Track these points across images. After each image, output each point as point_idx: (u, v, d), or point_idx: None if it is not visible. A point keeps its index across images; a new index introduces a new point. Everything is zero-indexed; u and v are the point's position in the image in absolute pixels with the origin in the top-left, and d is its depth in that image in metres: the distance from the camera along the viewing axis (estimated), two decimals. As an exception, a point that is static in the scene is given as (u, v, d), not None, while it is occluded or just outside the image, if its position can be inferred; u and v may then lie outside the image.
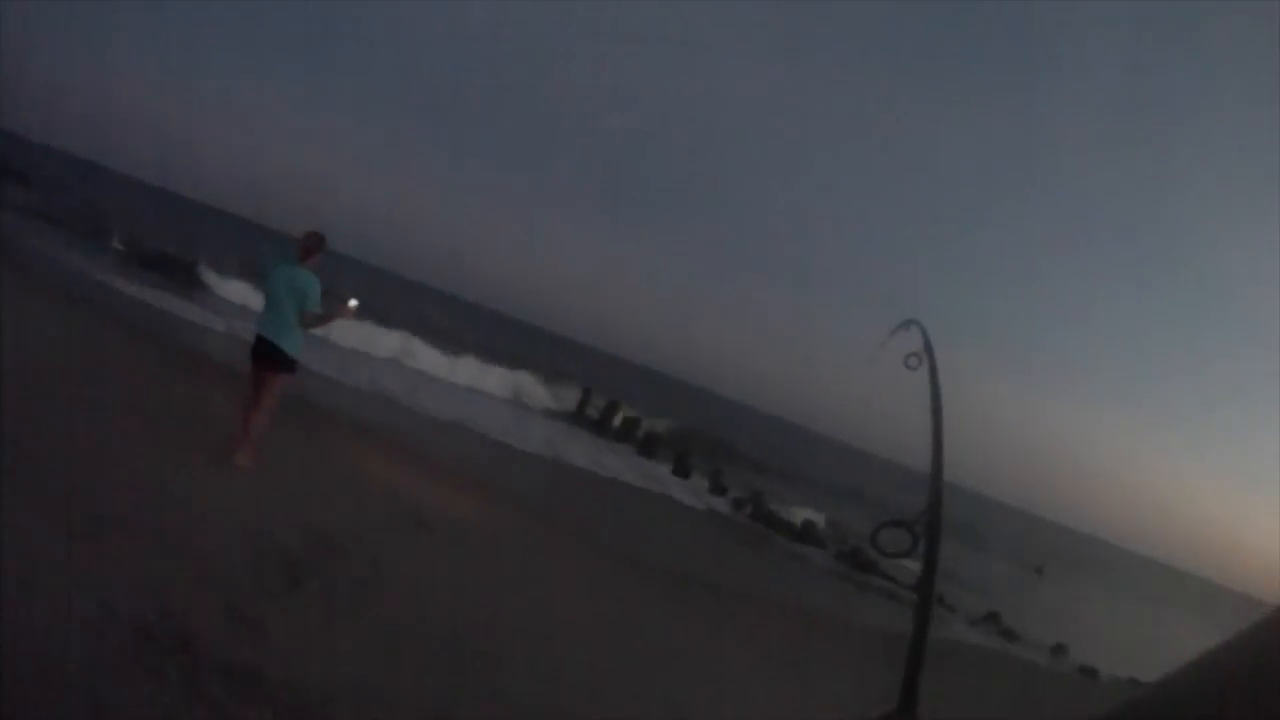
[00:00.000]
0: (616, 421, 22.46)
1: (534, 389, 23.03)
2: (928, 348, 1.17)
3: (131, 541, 4.13)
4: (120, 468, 5.14)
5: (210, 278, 21.39)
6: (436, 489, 8.82)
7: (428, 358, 20.88)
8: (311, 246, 6.51)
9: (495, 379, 21.93)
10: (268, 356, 6.34)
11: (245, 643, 3.63)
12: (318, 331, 6.79)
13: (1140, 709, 0.40)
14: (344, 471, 7.75)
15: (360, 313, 7.01)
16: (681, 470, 19.30)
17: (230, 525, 4.95)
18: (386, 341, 20.42)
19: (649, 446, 20.69)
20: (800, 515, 17.99)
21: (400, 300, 37.52)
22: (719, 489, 18.55)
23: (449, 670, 4.37)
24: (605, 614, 6.86)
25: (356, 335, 17.78)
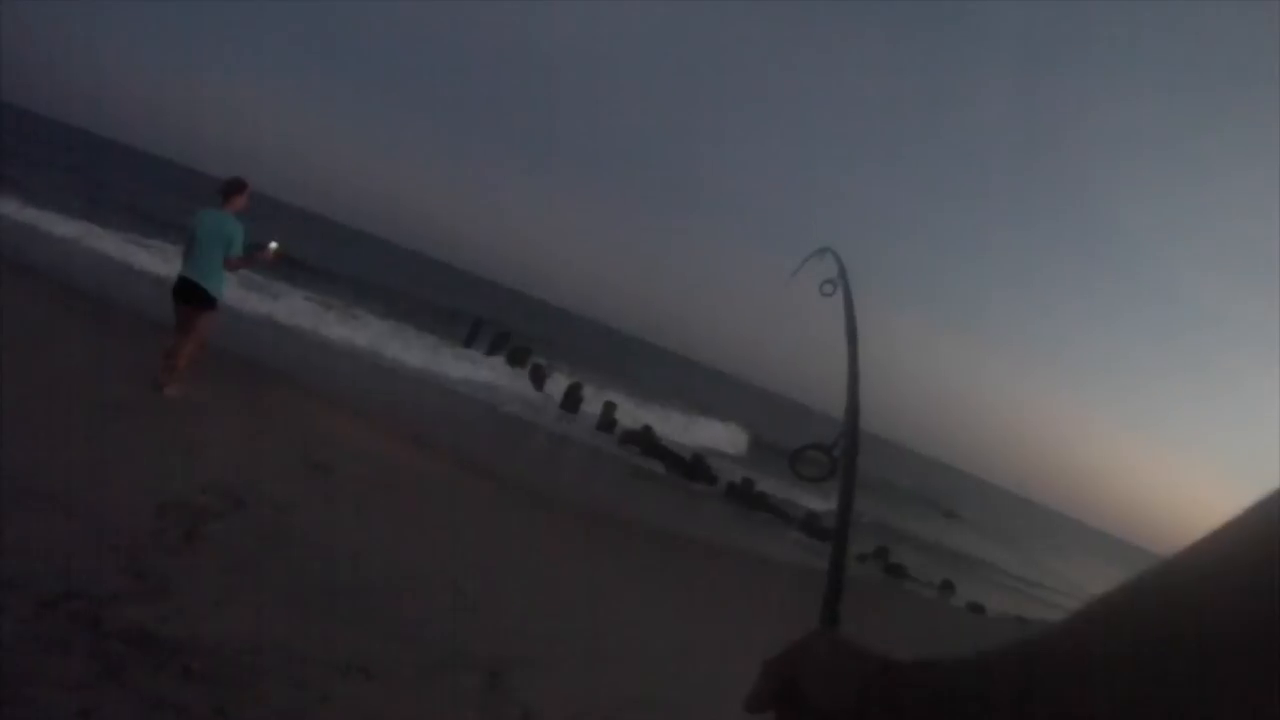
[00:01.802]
0: (505, 351, 21.52)
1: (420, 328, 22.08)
2: (842, 273, 1.19)
3: (33, 508, 3.96)
4: (23, 429, 4.89)
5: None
6: (335, 430, 8.61)
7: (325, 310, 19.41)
8: (233, 191, 6.82)
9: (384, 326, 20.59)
10: (190, 296, 6.75)
11: (151, 604, 3.53)
12: (242, 272, 7.31)
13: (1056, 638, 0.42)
14: (242, 418, 7.48)
15: (281, 255, 7.12)
16: (571, 404, 18.50)
17: (136, 483, 4.79)
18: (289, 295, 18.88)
19: (538, 377, 19.76)
20: (691, 449, 17.44)
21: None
22: (608, 423, 17.79)
23: (358, 619, 4.26)
24: (513, 552, 6.77)
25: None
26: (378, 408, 11.36)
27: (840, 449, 0.92)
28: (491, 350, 22.05)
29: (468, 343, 22.43)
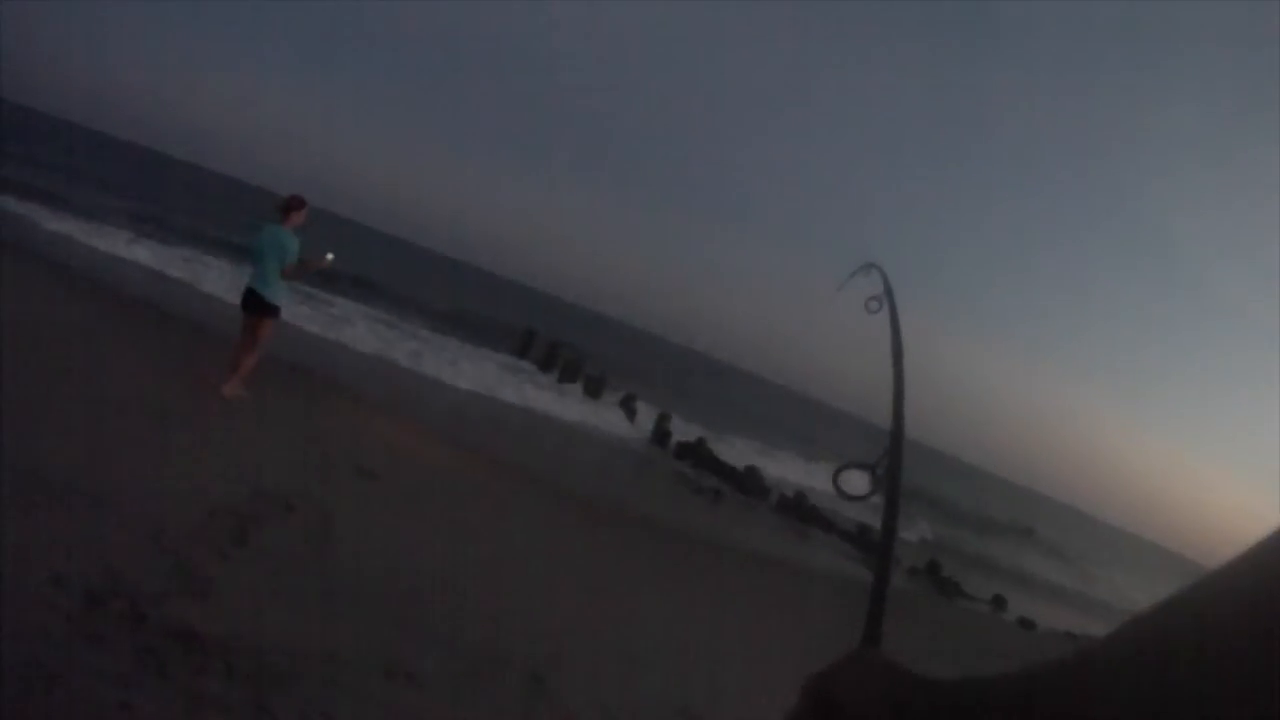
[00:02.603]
0: (559, 364, 21.87)
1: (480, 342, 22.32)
2: (888, 290, 1.17)
3: (84, 507, 4.06)
4: (80, 431, 5.12)
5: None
6: (384, 437, 8.79)
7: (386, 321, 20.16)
8: (292, 208, 7.54)
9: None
10: (254, 304, 7.45)
11: (197, 604, 3.57)
12: (298, 281, 7.97)
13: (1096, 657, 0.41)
14: (292, 424, 7.76)
15: (335, 266, 7.74)
16: (627, 412, 18.82)
17: (187, 486, 4.90)
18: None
19: (594, 389, 20.10)
20: (744, 462, 17.59)
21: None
22: (662, 434, 18.05)
23: (401, 622, 4.31)
24: (556, 558, 6.83)
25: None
26: (427, 416, 11.54)
27: (883, 468, 0.92)
28: (547, 363, 22.25)
29: (520, 354, 22.83)
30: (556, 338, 24.64)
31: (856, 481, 0.95)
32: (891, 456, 0.90)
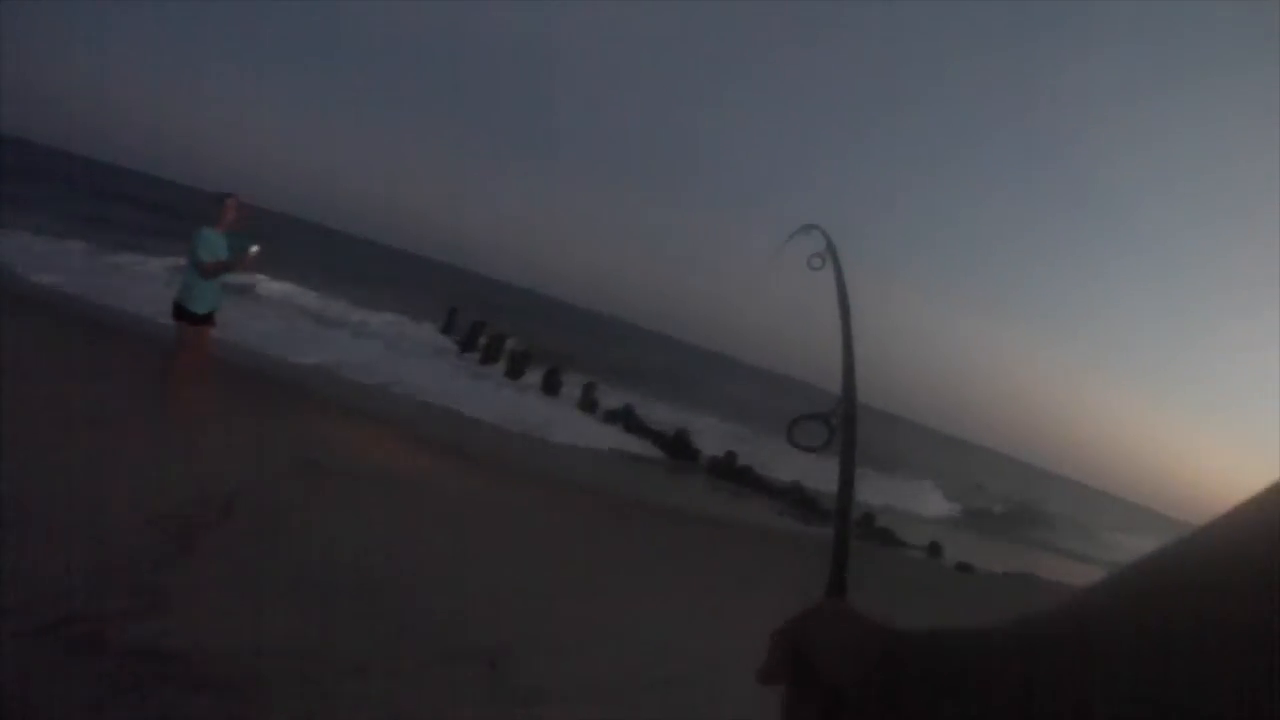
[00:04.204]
0: (482, 340, 21.27)
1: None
2: (830, 248, 1.18)
3: (24, 532, 3.92)
4: (15, 451, 4.87)
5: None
6: (327, 430, 8.58)
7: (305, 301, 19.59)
8: (220, 206, 7.04)
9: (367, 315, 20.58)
10: (174, 311, 7.00)
11: (154, 619, 3.53)
12: (232, 278, 7.30)
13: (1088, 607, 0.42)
14: (234, 423, 7.44)
15: (261, 258, 7.17)
16: (551, 387, 18.32)
17: (127, 498, 4.74)
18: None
19: (517, 366, 19.53)
20: (673, 426, 17.34)
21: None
22: (590, 404, 17.60)
23: (358, 616, 4.28)
24: (502, 537, 6.75)
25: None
26: (363, 405, 11.26)
27: (838, 417, 0.92)
28: (486, 359, 21.70)
29: (445, 329, 22.20)
30: (480, 317, 24.04)
31: (812, 432, 0.95)
32: (845, 405, 0.92)
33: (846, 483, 0.84)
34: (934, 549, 15.01)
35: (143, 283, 15.46)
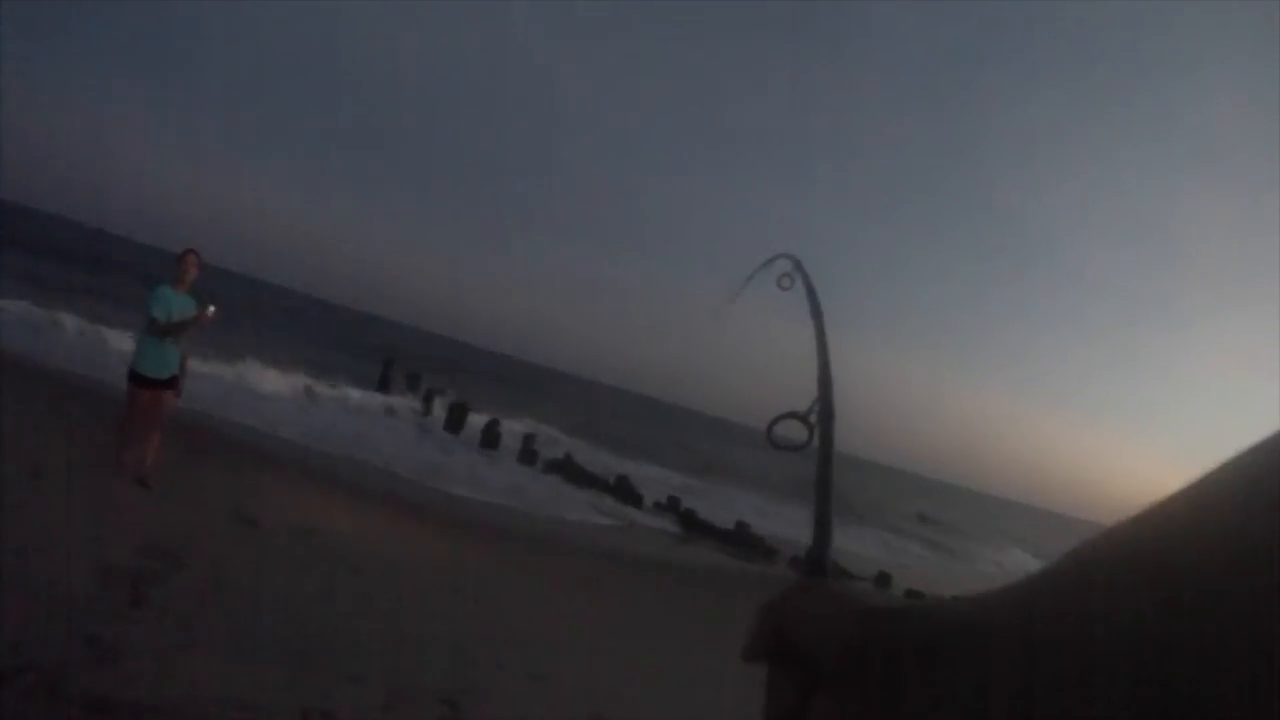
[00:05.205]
0: (420, 394, 21.02)
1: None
2: (798, 266, 1.18)
3: None
4: None
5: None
6: (263, 486, 8.48)
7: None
8: (182, 266, 6.72)
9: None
10: (129, 376, 6.69)
11: (106, 669, 3.56)
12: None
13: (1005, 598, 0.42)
14: (178, 483, 7.18)
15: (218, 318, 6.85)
16: (490, 440, 18.09)
17: (76, 552, 4.73)
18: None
19: (455, 420, 19.27)
20: (615, 472, 17.32)
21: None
22: (529, 454, 17.43)
23: (308, 663, 4.31)
24: (447, 584, 6.82)
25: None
26: (302, 460, 11.14)
27: (815, 415, 0.95)
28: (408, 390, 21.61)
29: (380, 386, 21.80)
30: (414, 370, 23.72)
31: (791, 432, 0.96)
32: (822, 402, 0.95)
33: (825, 472, 0.88)
34: (882, 579, 15.09)
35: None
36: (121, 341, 15.00)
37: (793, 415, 0.96)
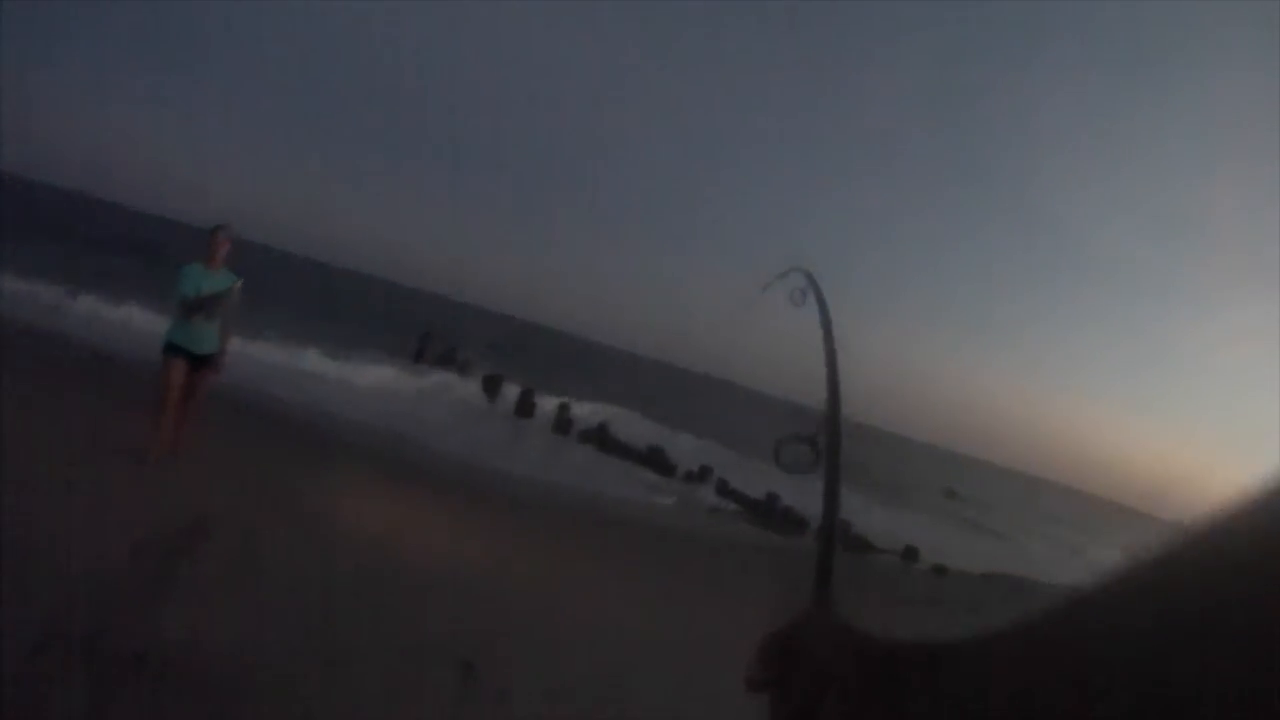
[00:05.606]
0: (459, 361, 21.51)
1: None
2: (812, 282, 1.18)
3: (11, 558, 4.06)
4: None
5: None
6: (294, 458, 8.73)
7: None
8: (212, 243, 6.82)
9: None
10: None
11: (140, 633, 3.69)
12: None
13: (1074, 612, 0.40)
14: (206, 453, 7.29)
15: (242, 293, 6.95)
16: (525, 409, 18.44)
17: (110, 525, 4.94)
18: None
19: (492, 386, 19.69)
20: (647, 442, 17.54)
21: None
22: (564, 423, 17.76)
23: (333, 626, 4.46)
24: (482, 554, 6.92)
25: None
26: (336, 434, 11.37)
27: (822, 438, 0.93)
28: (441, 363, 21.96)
29: (416, 358, 22.22)
30: (450, 340, 24.14)
31: (799, 454, 0.94)
32: (830, 425, 0.92)
33: (832, 498, 0.87)
34: (909, 553, 15.16)
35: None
36: (153, 323, 15.57)
37: (800, 439, 0.96)
